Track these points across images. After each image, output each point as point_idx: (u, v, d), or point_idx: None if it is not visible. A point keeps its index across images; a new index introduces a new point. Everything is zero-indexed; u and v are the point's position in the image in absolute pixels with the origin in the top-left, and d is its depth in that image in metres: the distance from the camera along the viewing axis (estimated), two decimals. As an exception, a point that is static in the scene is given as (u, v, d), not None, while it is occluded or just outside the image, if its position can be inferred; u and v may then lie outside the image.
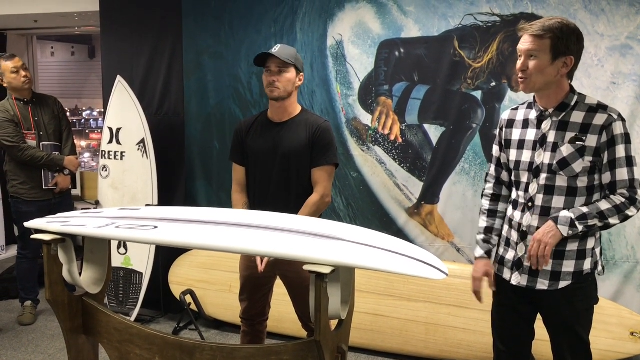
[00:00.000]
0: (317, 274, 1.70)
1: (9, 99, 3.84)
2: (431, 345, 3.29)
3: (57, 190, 3.93)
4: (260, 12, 3.77)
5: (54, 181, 3.91)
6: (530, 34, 1.98)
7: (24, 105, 3.87)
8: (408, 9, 3.46)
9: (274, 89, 2.52)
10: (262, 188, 2.60)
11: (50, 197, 3.92)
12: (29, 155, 3.77)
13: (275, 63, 2.50)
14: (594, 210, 1.97)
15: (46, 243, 2.05)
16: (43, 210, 3.68)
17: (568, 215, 1.98)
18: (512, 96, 3.33)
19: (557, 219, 1.99)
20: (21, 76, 3.81)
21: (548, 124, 2.06)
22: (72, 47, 7.96)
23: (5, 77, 3.80)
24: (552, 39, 1.95)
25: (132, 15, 4.03)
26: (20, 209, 3.86)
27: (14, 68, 3.78)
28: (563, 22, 1.97)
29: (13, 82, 3.80)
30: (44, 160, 3.82)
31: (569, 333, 2.10)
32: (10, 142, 3.74)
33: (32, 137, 3.84)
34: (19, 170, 3.82)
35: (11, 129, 3.74)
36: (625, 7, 3.07)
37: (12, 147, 3.75)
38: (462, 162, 3.46)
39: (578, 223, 1.97)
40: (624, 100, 3.10)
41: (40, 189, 3.87)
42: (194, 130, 4.04)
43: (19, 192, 3.84)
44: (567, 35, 1.96)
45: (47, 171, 3.88)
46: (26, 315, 3.94)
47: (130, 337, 2.10)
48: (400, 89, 3.55)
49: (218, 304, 3.76)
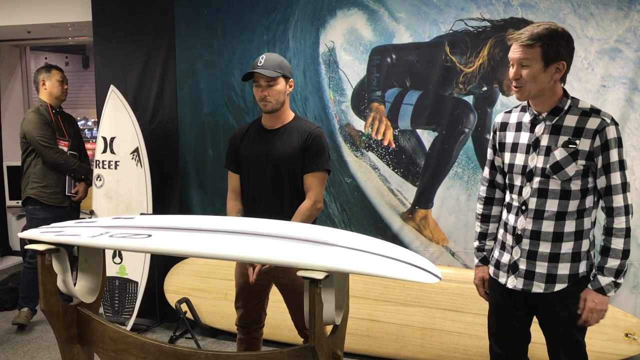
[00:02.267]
0: (310, 279, 1.71)
1: (42, 105, 4.00)
2: (427, 349, 3.30)
3: (76, 198, 4.08)
4: (253, 20, 3.79)
5: (76, 189, 4.05)
6: (519, 43, 1.98)
7: (55, 114, 4.05)
8: (399, 15, 3.49)
9: (266, 103, 2.54)
10: (256, 195, 2.61)
11: (67, 204, 4.03)
12: (63, 159, 3.94)
13: (263, 78, 2.51)
14: (618, 256, 2.01)
15: (40, 253, 2.05)
16: (57, 218, 3.69)
17: (608, 279, 2.02)
18: (504, 100, 3.35)
19: (602, 289, 2.03)
20: (64, 87, 4.06)
21: (541, 127, 2.07)
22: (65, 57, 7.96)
23: (48, 83, 3.99)
24: (542, 47, 1.96)
25: (125, 24, 4.05)
26: (37, 216, 3.93)
27: (61, 78, 4.04)
28: (551, 27, 1.98)
29: (54, 90, 4.01)
30: (76, 165, 4.01)
31: (564, 336, 2.11)
32: (47, 143, 3.88)
33: (65, 144, 4.03)
34: (45, 174, 3.93)
35: (49, 131, 3.92)
36: (614, 10, 3.10)
37: (48, 148, 3.88)
38: (455, 167, 3.48)
39: (620, 280, 2.03)
40: (614, 103, 3.12)
41: (62, 195, 3.99)
42: (187, 138, 4.04)
43: (39, 195, 3.92)
44: (557, 40, 1.97)
45: (71, 178, 4.02)
46: (21, 317, 3.99)
47: (125, 346, 2.10)
48: (393, 95, 3.57)
49: (214, 312, 3.75)
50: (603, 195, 2.03)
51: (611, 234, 2.02)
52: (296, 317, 2.64)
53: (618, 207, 2.00)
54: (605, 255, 2.03)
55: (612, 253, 2.01)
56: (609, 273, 2.02)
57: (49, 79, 4.00)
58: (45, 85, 4.00)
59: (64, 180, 3.99)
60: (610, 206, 2.02)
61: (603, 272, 2.03)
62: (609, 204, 2.02)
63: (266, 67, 2.49)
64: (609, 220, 2.03)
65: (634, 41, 3.08)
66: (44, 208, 3.93)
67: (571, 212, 2.05)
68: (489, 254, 2.32)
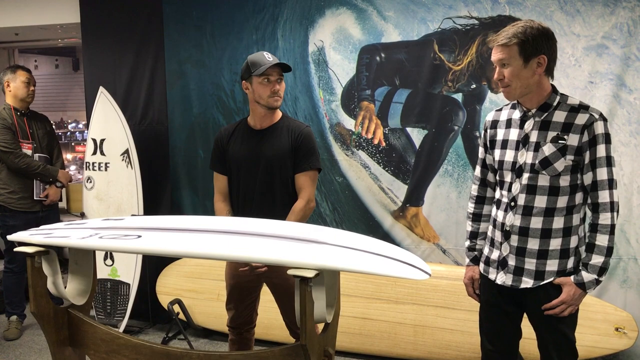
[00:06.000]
0: (301, 278, 1.71)
1: (5, 108, 3.87)
2: (420, 347, 3.31)
3: (47, 202, 3.94)
4: (241, 20, 3.79)
5: (45, 192, 3.92)
6: (497, 44, 2.04)
7: (21, 116, 3.91)
8: (387, 14, 3.50)
9: (278, 98, 2.53)
10: (246, 196, 2.60)
11: (39, 209, 3.91)
12: (25, 163, 3.80)
13: (277, 72, 2.51)
14: (602, 253, 2.02)
15: (30, 255, 2.04)
16: (30, 223, 3.64)
17: (591, 277, 2.03)
18: (493, 97, 3.37)
19: (584, 285, 2.03)
20: (29, 89, 3.90)
21: (530, 124, 2.09)
22: (55, 59, 7.93)
23: (12, 85, 3.84)
24: (519, 44, 2.00)
25: (114, 26, 4.03)
26: (7, 223, 3.84)
27: (26, 79, 3.88)
28: (527, 24, 2.02)
29: (19, 92, 3.85)
30: (40, 168, 3.85)
31: (554, 331, 2.12)
32: (7, 148, 3.76)
33: (29, 147, 3.88)
34: (11, 179, 3.82)
35: (9, 135, 3.77)
36: (600, 7, 3.12)
37: (9, 153, 3.76)
38: (445, 164, 3.49)
39: (602, 278, 2.05)
40: (601, 99, 3.15)
41: (30, 200, 3.87)
42: (178, 139, 4.04)
43: (7, 202, 3.83)
44: (533, 36, 2.00)
45: (39, 182, 3.89)
46: (11, 330, 3.91)
47: (117, 348, 2.09)
48: (382, 93, 3.58)
49: (207, 312, 3.75)
50: (589, 191, 2.04)
51: (596, 230, 2.03)
52: (288, 317, 2.64)
53: (604, 204, 2.01)
54: (590, 252, 2.04)
55: (597, 249, 2.03)
56: (593, 270, 2.03)
57: (13, 80, 3.84)
58: (10, 87, 3.84)
59: (31, 184, 3.87)
60: (596, 202, 2.03)
61: (587, 269, 2.04)
62: (595, 199, 2.03)
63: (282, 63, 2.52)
64: (595, 217, 2.04)
65: (620, 37, 3.10)
66: (14, 215, 3.82)
67: (560, 208, 2.06)
68: (479, 254, 2.33)
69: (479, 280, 2.32)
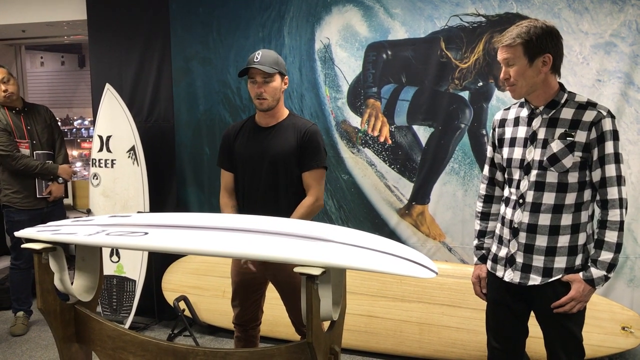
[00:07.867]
0: (307, 275, 1.71)
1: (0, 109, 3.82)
2: (425, 345, 3.30)
3: (51, 199, 3.93)
4: (248, 18, 3.79)
5: (48, 189, 3.91)
6: (502, 45, 2.05)
7: (16, 114, 3.86)
8: (394, 11, 3.49)
9: (263, 100, 2.51)
10: (252, 193, 2.60)
11: (43, 205, 3.92)
12: (23, 164, 3.77)
13: (260, 74, 2.49)
14: (611, 249, 2.02)
15: (37, 252, 2.05)
16: (35, 219, 3.68)
17: (600, 273, 2.03)
18: (500, 95, 3.36)
19: (593, 281, 2.03)
20: (1, 90, 3.74)
21: (538, 121, 2.09)
22: (61, 56, 7.94)
23: None
24: (523, 44, 2.01)
25: (120, 23, 4.04)
26: (12, 218, 3.86)
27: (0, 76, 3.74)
28: (530, 24, 2.02)
29: None
30: (38, 168, 3.82)
31: (561, 329, 2.12)
32: (3, 151, 3.73)
33: (26, 146, 3.84)
34: (13, 179, 3.82)
35: (4, 138, 3.73)
36: (609, 4, 3.10)
37: (5, 156, 3.74)
38: (452, 162, 3.48)
39: (611, 274, 2.04)
40: (609, 97, 3.13)
41: (34, 198, 3.87)
42: (184, 136, 4.04)
43: (12, 201, 3.83)
44: (537, 35, 2.00)
45: (40, 180, 3.88)
46: (18, 325, 3.92)
47: (123, 344, 2.10)
48: (389, 91, 3.57)
49: (212, 309, 3.75)
50: (598, 188, 2.05)
51: (605, 226, 2.03)
52: (293, 314, 2.64)
53: (613, 200, 2.01)
54: (599, 248, 2.04)
55: (606, 246, 2.02)
56: (602, 267, 2.03)
57: None
58: None
59: (33, 183, 3.86)
60: (605, 199, 2.03)
61: (596, 265, 2.04)
62: (604, 196, 2.03)
63: (262, 63, 2.48)
64: (604, 213, 2.04)
65: (629, 35, 3.08)
66: (19, 211, 3.83)
67: (568, 205, 2.05)
68: (488, 253, 2.33)
69: (486, 278, 2.32)
